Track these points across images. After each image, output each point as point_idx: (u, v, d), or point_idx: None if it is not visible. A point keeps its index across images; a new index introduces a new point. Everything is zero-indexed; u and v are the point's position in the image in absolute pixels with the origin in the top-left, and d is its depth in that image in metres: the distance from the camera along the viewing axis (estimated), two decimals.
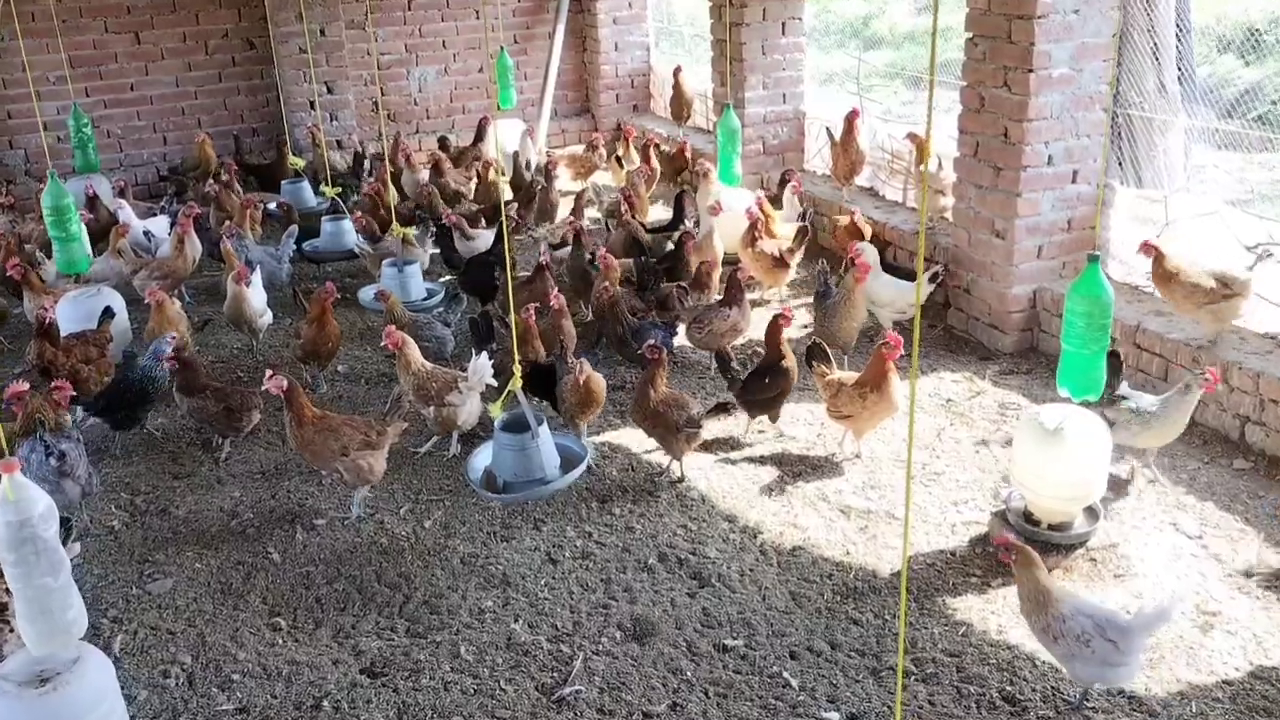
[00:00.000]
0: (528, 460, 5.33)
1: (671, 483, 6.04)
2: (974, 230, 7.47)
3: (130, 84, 11.93)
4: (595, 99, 13.78)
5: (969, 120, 7.36)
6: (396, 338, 6.28)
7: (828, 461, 6.17)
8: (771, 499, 5.82)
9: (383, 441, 5.71)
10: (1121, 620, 4.04)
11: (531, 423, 5.26)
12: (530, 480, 5.36)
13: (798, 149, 10.62)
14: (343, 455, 5.57)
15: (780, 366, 6.28)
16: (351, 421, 5.72)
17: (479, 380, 6.24)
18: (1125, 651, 3.97)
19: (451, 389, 6.20)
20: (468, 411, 6.31)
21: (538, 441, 5.31)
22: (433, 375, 6.24)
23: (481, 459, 5.61)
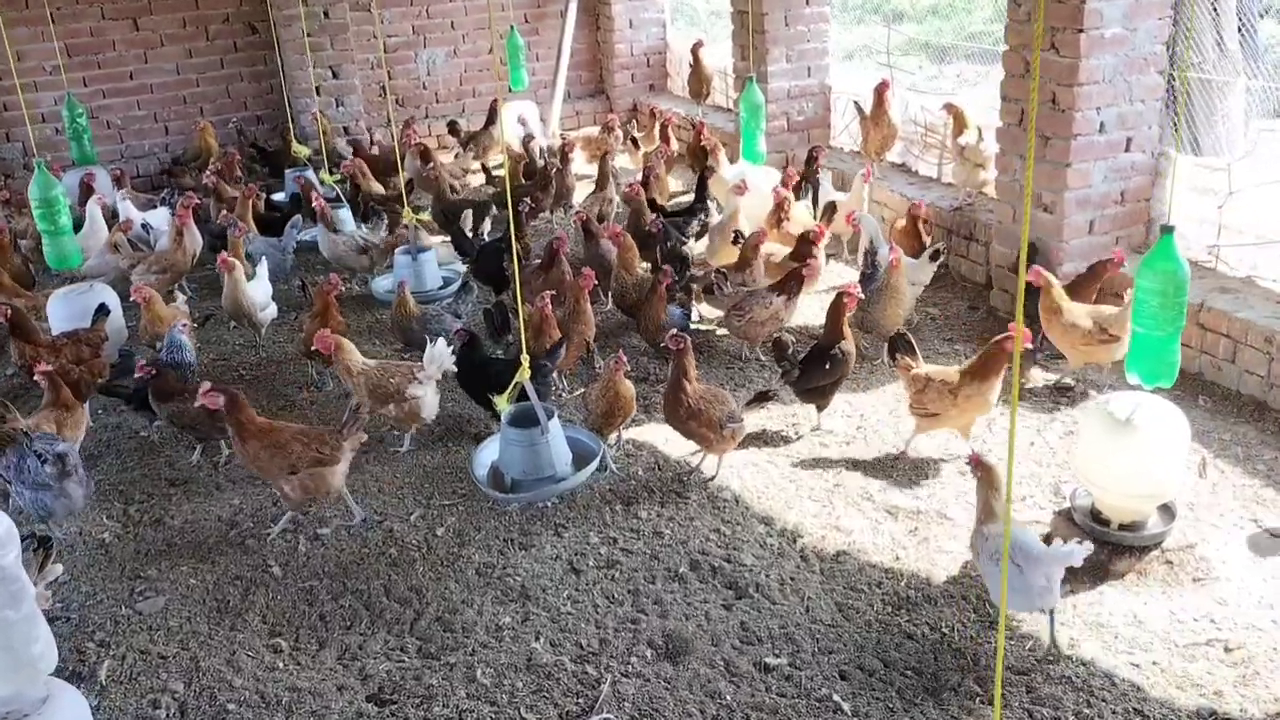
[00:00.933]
0: (537, 457, 4.93)
1: (702, 482, 5.60)
2: (1019, 204, 6.98)
3: (129, 72, 11.53)
4: (610, 79, 13.31)
5: (1012, 86, 6.86)
6: (328, 341, 5.81)
7: (870, 457, 5.71)
8: (811, 499, 5.37)
9: (337, 456, 5.17)
10: (1033, 548, 4.11)
11: (541, 417, 4.85)
12: (540, 478, 4.95)
13: (824, 125, 10.13)
14: (291, 473, 5.10)
15: (841, 350, 5.84)
16: (304, 435, 5.18)
17: (437, 368, 5.84)
18: (1028, 577, 4.04)
19: (410, 381, 5.81)
20: (430, 403, 5.91)
21: (548, 437, 4.90)
22: (386, 371, 5.83)
23: (487, 455, 5.22)
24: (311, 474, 5.11)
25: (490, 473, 5.07)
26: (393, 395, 5.79)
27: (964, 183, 7.96)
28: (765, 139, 8.74)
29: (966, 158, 7.81)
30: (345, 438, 5.22)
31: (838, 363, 5.82)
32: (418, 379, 5.82)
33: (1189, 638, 4.25)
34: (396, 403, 5.81)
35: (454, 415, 6.48)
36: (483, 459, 5.10)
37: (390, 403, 5.82)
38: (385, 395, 5.79)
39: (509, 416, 4.97)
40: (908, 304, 6.64)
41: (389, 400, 5.80)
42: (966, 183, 7.94)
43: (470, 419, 6.43)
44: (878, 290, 6.52)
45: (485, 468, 5.07)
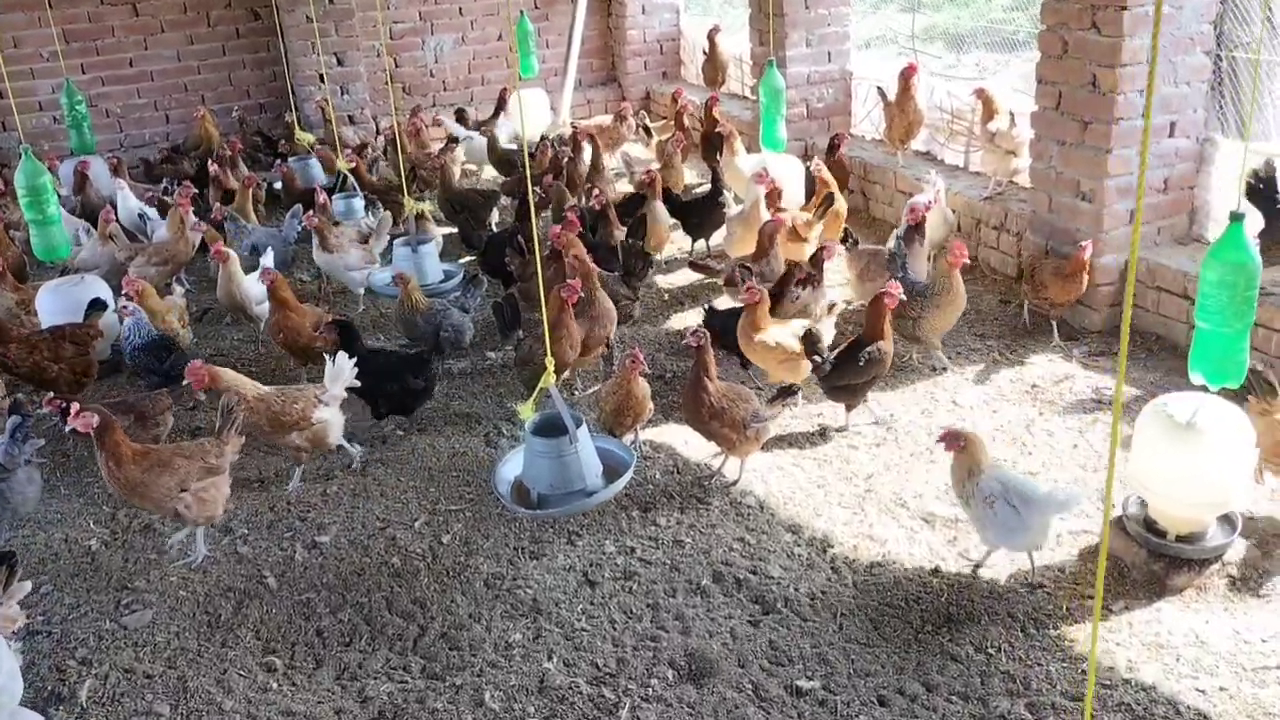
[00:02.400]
0: (566, 469, 4.58)
1: (724, 487, 5.27)
2: (1056, 193, 6.63)
3: (129, 59, 11.23)
4: (622, 66, 12.97)
5: (1049, 68, 6.50)
6: (202, 374, 5.16)
7: (901, 461, 5.37)
8: (841, 506, 5.04)
9: (224, 463, 4.87)
10: (1033, 492, 4.24)
11: (569, 425, 4.51)
12: (570, 492, 4.61)
13: (844, 112, 9.77)
14: (183, 491, 4.72)
15: (879, 349, 5.51)
16: (182, 450, 4.83)
17: (342, 385, 5.39)
18: (1025, 518, 4.20)
19: (315, 405, 5.30)
20: (336, 425, 5.42)
21: (577, 446, 4.56)
22: (286, 398, 5.26)
23: (510, 468, 4.86)
24: (204, 487, 4.77)
25: (513, 487, 4.72)
26: (297, 422, 5.25)
27: (994, 171, 7.60)
28: (784, 125, 8.38)
29: (997, 144, 7.46)
30: (226, 442, 4.91)
31: (873, 362, 5.49)
32: (322, 401, 5.33)
33: (1258, 661, 3.91)
34: (300, 430, 5.28)
35: (460, 414, 6.17)
36: (505, 474, 4.75)
37: (294, 430, 5.26)
38: (289, 423, 5.23)
39: (533, 425, 4.62)
40: (961, 308, 6.21)
41: (293, 428, 5.24)
42: (997, 171, 7.59)
43: (478, 417, 6.12)
44: (932, 295, 6.06)
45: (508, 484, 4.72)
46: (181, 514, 4.76)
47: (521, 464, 4.82)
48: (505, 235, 7.56)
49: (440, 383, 6.53)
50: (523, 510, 4.58)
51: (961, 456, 4.40)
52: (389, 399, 5.81)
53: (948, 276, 6.01)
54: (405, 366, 5.80)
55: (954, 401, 5.89)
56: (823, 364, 5.53)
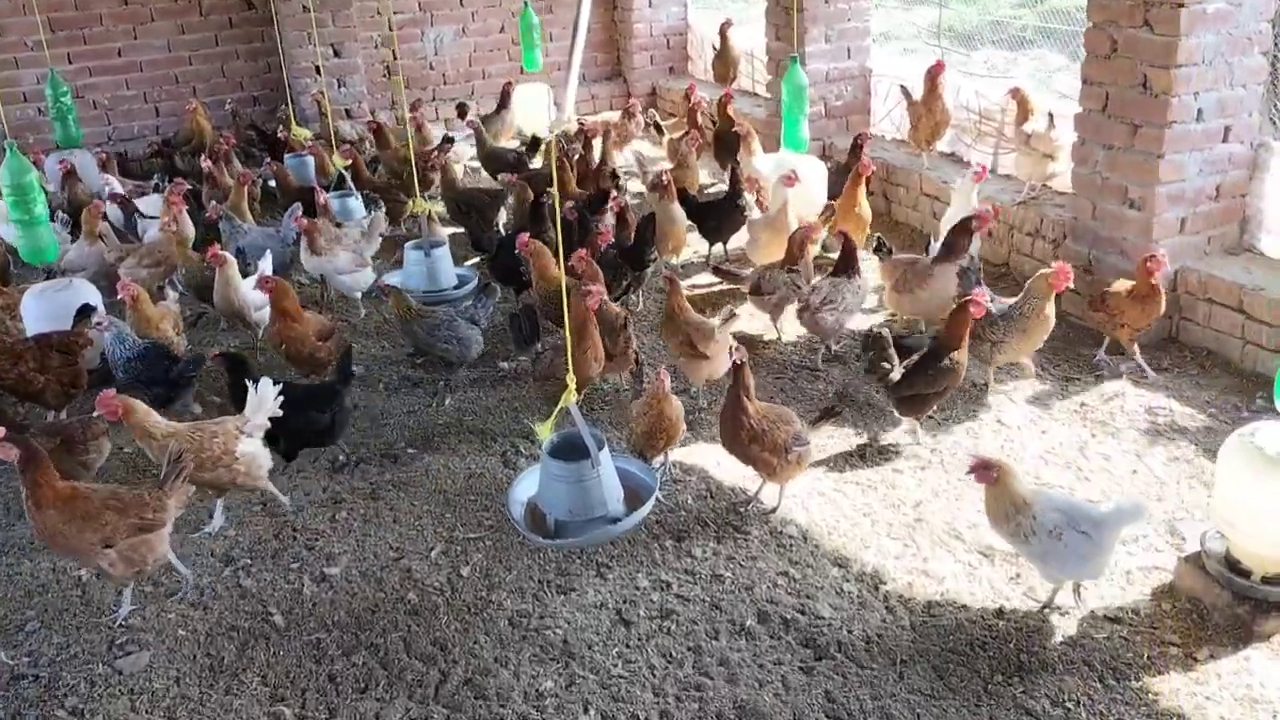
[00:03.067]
0: (586, 494, 4.23)
1: (762, 514, 4.93)
2: (1101, 200, 6.30)
3: (117, 49, 10.78)
4: (628, 60, 12.59)
5: (1096, 68, 6.17)
6: (114, 405, 4.71)
7: (952, 485, 5.04)
8: (890, 537, 4.70)
9: (163, 518, 4.34)
10: (1095, 512, 3.99)
11: (591, 447, 4.16)
12: (590, 519, 4.27)
13: (864, 110, 9.43)
14: (107, 547, 4.18)
15: (952, 360, 5.18)
16: (117, 499, 4.26)
17: (265, 415, 4.93)
18: (1099, 541, 3.93)
19: (237, 439, 4.83)
20: (263, 458, 4.96)
21: (599, 470, 4.21)
22: (203, 434, 4.77)
23: (524, 488, 4.51)
24: (134, 544, 4.24)
25: (528, 510, 4.38)
26: (219, 459, 4.76)
27: (1029, 175, 7.27)
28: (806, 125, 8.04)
29: (1033, 147, 7.13)
30: (169, 494, 4.37)
31: (945, 373, 5.17)
32: (244, 433, 4.86)
33: None
34: (226, 466, 4.80)
35: (474, 430, 5.81)
36: (519, 494, 4.40)
37: (219, 468, 4.78)
38: (210, 461, 4.74)
39: (550, 446, 4.28)
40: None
41: (216, 465, 4.76)
42: (1032, 175, 7.26)
43: (493, 434, 5.76)
44: (1020, 317, 5.62)
45: (522, 504, 4.37)
46: (105, 570, 4.27)
47: (537, 485, 4.48)
48: (516, 238, 7.19)
49: (453, 395, 6.19)
50: (540, 539, 4.23)
51: (996, 489, 4.09)
52: (292, 437, 5.25)
53: (1042, 298, 5.55)
54: (308, 400, 5.21)
55: (999, 421, 5.57)
56: (889, 371, 5.19)
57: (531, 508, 4.42)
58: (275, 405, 4.96)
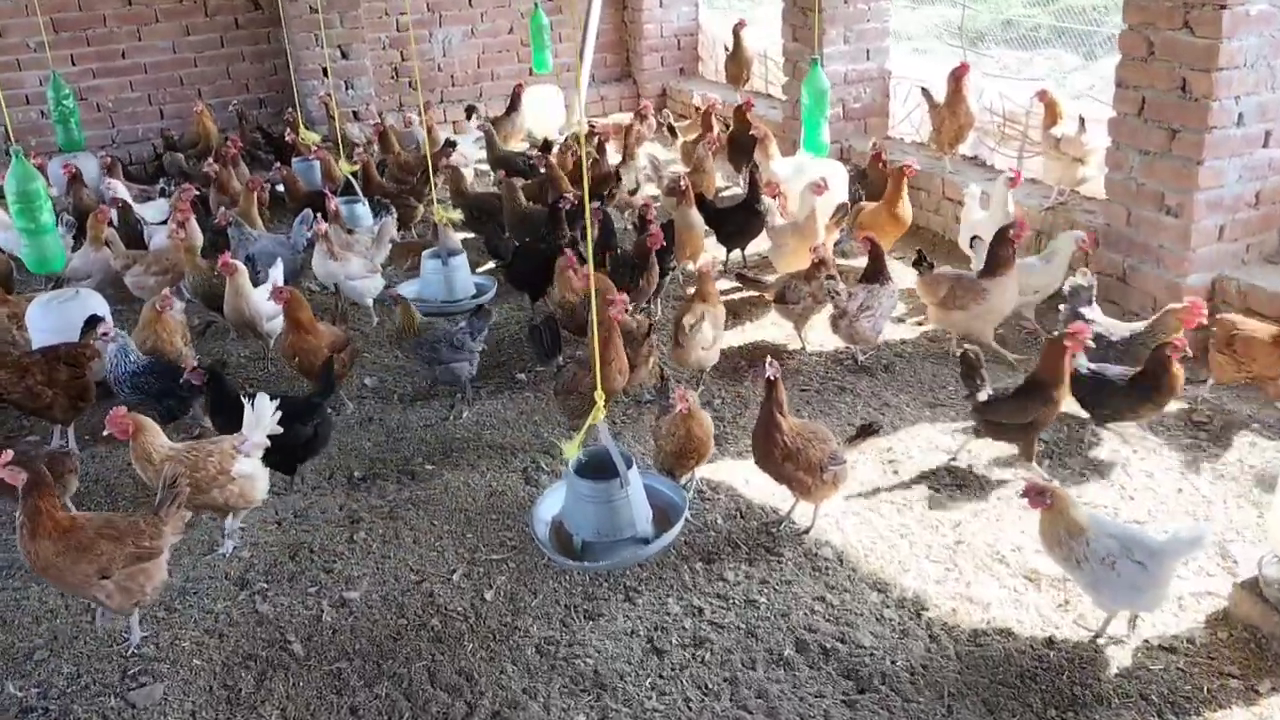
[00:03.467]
0: (615, 515, 4.08)
1: (795, 535, 4.76)
2: (1136, 206, 6.14)
3: (121, 50, 10.63)
4: (637, 62, 12.43)
5: (1132, 71, 6.01)
6: (125, 423, 4.56)
7: (990, 506, 4.87)
8: (930, 560, 4.53)
9: (160, 545, 4.15)
10: (1154, 541, 3.81)
11: (620, 466, 4.00)
12: (618, 540, 4.10)
13: (882, 113, 9.27)
14: (103, 579, 3.99)
15: (1049, 395, 4.79)
16: (111, 528, 4.06)
17: (263, 432, 4.75)
18: (1155, 573, 3.76)
19: (233, 459, 4.66)
20: (262, 478, 4.79)
21: (628, 490, 4.05)
22: (198, 454, 4.61)
23: (548, 507, 4.35)
24: (131, 574, 4.05)
25: (552, 529, 4.22)
26: (215, 479, 4.60)
27: (1058, 180, 7.10)
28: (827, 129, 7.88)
29: (1062, 151, 6.96)
30: (165, 521, 4.18)
31: (1035, 405, 4.82)
32: (241, 451, 4.68)
33: None
34: (221, 487, 4.63)
35: (493, 446, 5.64)
36: (543, 513, 4.24)
37: (214, 489, 4.61)
38: (206, 481, 4.57)
39: (577, 465, 4.11)
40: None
41: (211, 486, 4.59)
42: (1061, 180, 7.09)
43: (514, 449, 5.59)
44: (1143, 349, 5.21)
45: (546, 524, 4.21)
46: (102, 602, 4.09)
47: (562, 505, 4.31)
48: (535, 244, 7.03)
49: (470, 408, 6.02)
50: (568, 562, 4.06)
51: (1050, 514, 3.93)
52: (273, 451, 5.01)
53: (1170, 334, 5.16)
54: (291, 413, 4.95)
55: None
56: (977, 390, 4.97)
57: (557, 527, 4.25)
58: (274, 422, 4.77)
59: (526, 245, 7.00)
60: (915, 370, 6.17)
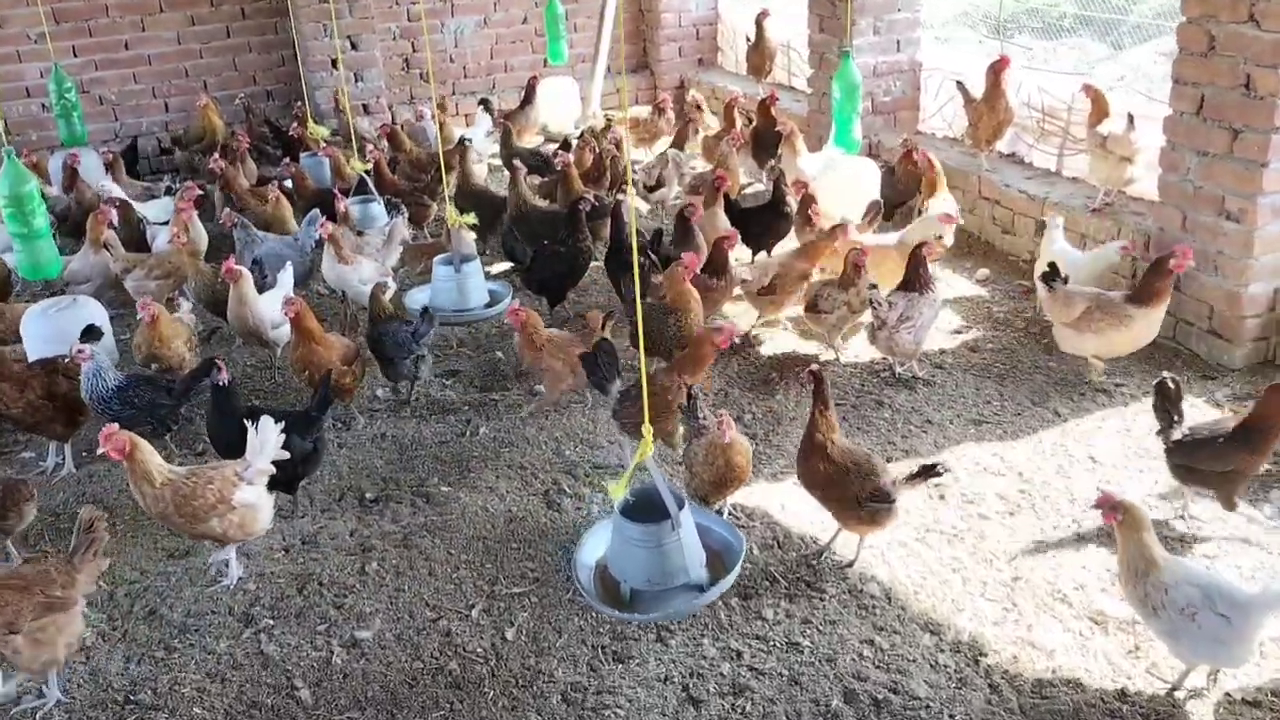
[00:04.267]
0: (666, 560, 3.76)
1: (838, 568, 4.44)
2: (1193, 210, 5.78)
3: (124, 41, 10.29)
4: (655, 52, 12.05)
5: (1190, 67, 5.65)
6: (121, 442, 4.22)
7: (1047, 536, 4.54)
8: (986, 598, 4.21)
9: (73, 596, 3.81)
10: (1240, 593, 3.48)
11: (671, 507, 3.68)
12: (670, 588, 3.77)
13: (913, 107, 8.91)
14: (10, 632, 3.65)
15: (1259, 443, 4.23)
16: (16, 578, 3.73)
17: (268, 458, 4.42)
18: (1240, 628, 3.43)
19: (235, 486, 4.33)
20: (265, 508, 4.46)
21: (680, 533, 3.73)
22: (198, 479, 4.28)
23: (590, 551, 4.02)
24: (41, 626, 3.71)
25: (597, 575, 3.88)
26: (214, 508, 4.27)
27: (1104, 180, 6.74)
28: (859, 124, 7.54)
29: (1109, 150, 6.59)
30: (79, 568, 3.85)
31: (1242, 453, 4.26)
32: (245, 480, 4.35)
33: None
34: (221, 516, 4.30)
35: (513, 466, 5.33)
36: (585, 557, 3.90)
37: (212, 518, 4.28)
38: (204, 510, 4.26)
39: (624, 505, 3.78)
40: None
41: (210, 515, 4.27)
42: (1107, 180, 6.72)
43: (534, 469, 5.28)
44: None
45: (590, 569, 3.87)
46: (8, 659, 3.74)
47: (607, 548, 3.99)
48: (555, 248, 6.71)
49: (488, 423, 5.72)
50: (616, 613, 3.73)
51: (1125, 534, 3.63)
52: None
53: None
54: (290, 427, 4.64)
55: (1092, 458, 5.06)
56: (1170, 427, 4.46)
57: (601, 570, 3.91)
58: (279, 446, 4.45)
59: (546, 248, 6.67)
60: (957, 383, 5.84)
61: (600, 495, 5.01)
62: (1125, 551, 3.66)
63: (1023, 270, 7.16)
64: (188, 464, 5.28)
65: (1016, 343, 6.25)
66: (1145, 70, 11.70)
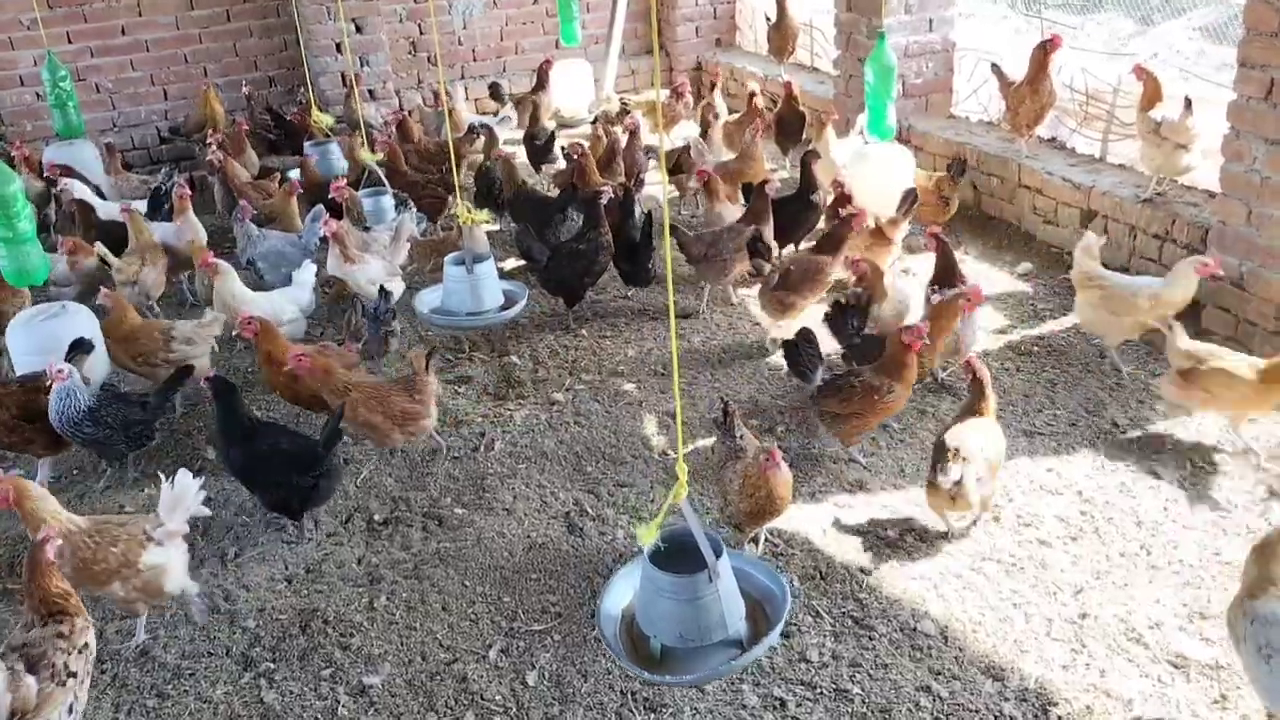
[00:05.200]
0: (703, 614, 3.35)
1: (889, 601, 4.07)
2: (1259, 203, 5.37)
3: (121, 26, 9.88)
4: (670, 32, 11.59)
5: (1259, 49, 5.23)
6: (6, 490, 3.86)
7: (1116, 565, 4.17)
8: (1051, 637, 3.84)
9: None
10: None
11: (708, 556, 3.30)
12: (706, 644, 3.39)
13: (945, 89, 8.46)
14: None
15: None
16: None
17: (183, 517, 4.00)
18: None
19: (143, 548, 3.88)
20: (177, 567, 3.99)
21: (718, 584, 3.35)
22: (101, 540, 3.85)
23: (615, 599, 3.62)
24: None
25: (622, 625, 3.50)
26: (115, 572, 3.83)
27: (1158, 168, 6.31)
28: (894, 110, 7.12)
29: (1164, 136, 6.16)
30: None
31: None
32: (153, 539, 3.91)
33: None
34: (125, 580, 3.86)
35: (532, 484, 4.98)
36: (610, 606, 3.52)
37: (114, 582, 3.85)
38: (105, 572, 3.82)
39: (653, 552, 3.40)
40: None
41: (112, 579, 3.84)
42: (1161, 169, 6.30)
43: (553, 490, 4.92)
44: None
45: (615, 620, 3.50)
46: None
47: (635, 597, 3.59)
48: (574, 246, 6.33)
49: (503, 437, 5.36)
50: (645, 674, 3.36)
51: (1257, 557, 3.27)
52: (273, 504, 4.64)
53: None
54: (290, 463, 4.46)
55: (1154, 474, 4.68)
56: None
57: (629, 621, 3.54)
58: (198, 503, 4.04)
59: (564, 246, 6.30)
60: (1004, 390, 5.45)
61: (626, 518, 4.67)
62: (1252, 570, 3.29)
63: (1066, 264, 6.75)
64: (142, 489, 4.99)
65: (1065, 343, 5.86)
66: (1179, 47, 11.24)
